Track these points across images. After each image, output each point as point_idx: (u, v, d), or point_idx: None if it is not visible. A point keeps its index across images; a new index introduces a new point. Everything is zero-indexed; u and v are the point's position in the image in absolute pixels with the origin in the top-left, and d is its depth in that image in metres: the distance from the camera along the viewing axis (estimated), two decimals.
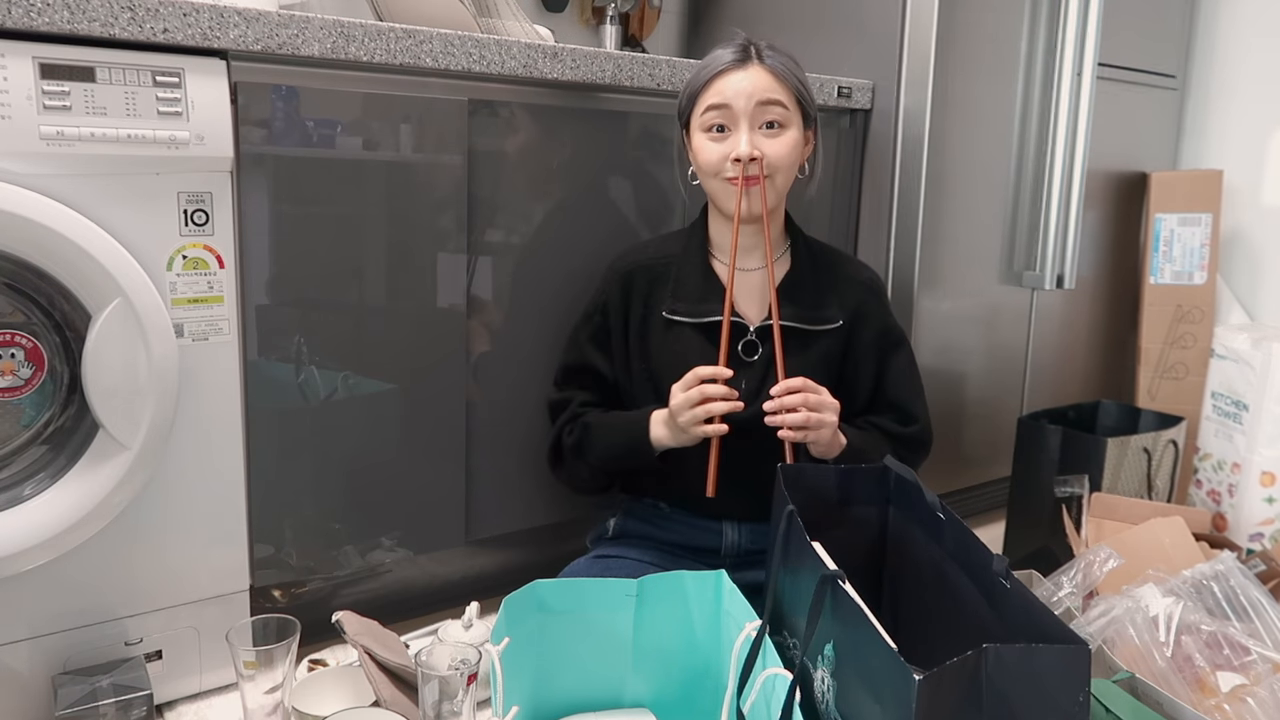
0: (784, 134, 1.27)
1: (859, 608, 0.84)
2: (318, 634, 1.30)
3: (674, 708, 1.11)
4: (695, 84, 1.30)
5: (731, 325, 1.30)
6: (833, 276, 1.36)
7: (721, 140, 1.27)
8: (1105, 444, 1.61)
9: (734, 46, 1.29)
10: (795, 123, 1.29)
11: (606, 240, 1.51)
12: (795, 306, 1.32)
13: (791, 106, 1.28)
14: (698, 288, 1.32)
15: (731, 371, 1.22)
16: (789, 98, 1.27)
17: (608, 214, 1.52)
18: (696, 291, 1.32)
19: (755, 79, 1.26)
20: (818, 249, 1.39)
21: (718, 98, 1.26)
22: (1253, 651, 1.11)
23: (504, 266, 1.43)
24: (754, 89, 1.25)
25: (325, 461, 1.32)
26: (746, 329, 1.32)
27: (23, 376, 1.09)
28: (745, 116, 1.25)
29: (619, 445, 1.30)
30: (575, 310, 1.43)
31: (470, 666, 0.97)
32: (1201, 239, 2.08)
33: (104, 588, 1.15)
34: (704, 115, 1.28)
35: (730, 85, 1.26)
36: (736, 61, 1.27)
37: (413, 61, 1.27)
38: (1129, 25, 2.03)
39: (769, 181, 1.26)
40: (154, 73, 1.08)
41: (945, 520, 1.03)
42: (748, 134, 1.25)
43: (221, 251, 1.17)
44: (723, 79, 1.27)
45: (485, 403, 1.45)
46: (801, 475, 1.12)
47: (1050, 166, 1.89)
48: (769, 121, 1.26)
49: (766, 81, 1.26)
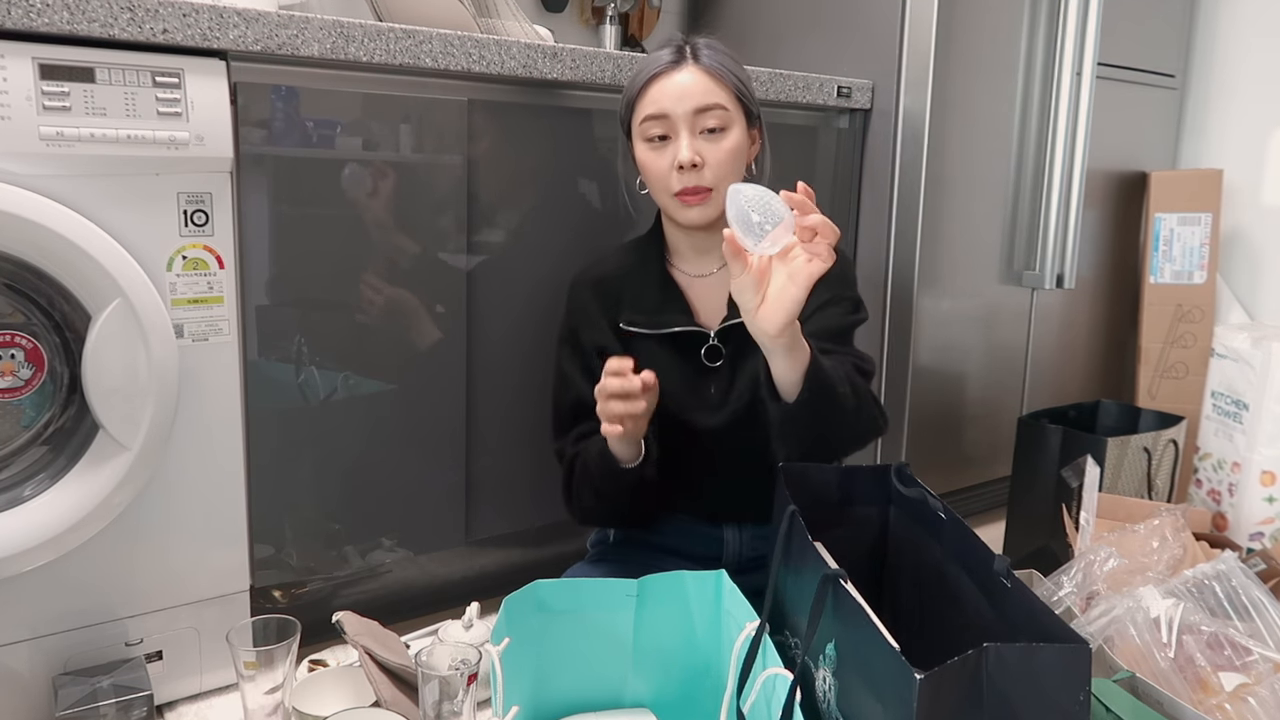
0: (726, 137, 1.21)
1: (861, 607, 0.84)
2: (318, 634, 1.30)
3: (674, 708, 1.11)
4: (631, 90, 1.25)
5: (692, 333, 1.26)
6: None
7: (663, 150, 1.22)
8: (1105, 444, 1.61)
9: (669, 49, 1.24)
10: (737, 123, 1.23)
11: (607, 240, 1.50)
12: None
13: (732, 107, 1.22)
14: (654, 298, 1.28)
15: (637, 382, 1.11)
16: (728, 98, 1.22)
17: (608, 214, 1.52)
18: (653, 302, 1.28)
19: (691, 82, 1.21)
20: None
21: (654, 107, 1.21)
22: (1254, 652, 1.11)
23: (504, 266, 1.43)
24: (691, 93, 1.20)
25: (325, 461, 1.32)
26: (706, 335, 1.27)
27: (23, 377, 1.09)
28: (684, 124, 1.20)
29: (596, 470, 1.23)
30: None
31: (470, 666, 0.97)
32: (1201, 238, 2.08)
33: (104, 588, 1.15)
34: (643, 125, 1.23)
35: (666, 92, 1.21)
36: (671, 63, 1.22)
37: (413, 61, 1.27)
38: (1129, 25, 2.03)
39: (713, 192, 1.21)
40: (154, 73, 1.08)
41: (946, 520, 1.03)
42: (688, 140, 1.20)
43: (221, 252, 1.17)
44: (658, 85, 1.21)
45: (485, 403, 1.45)
46: (802, 475, 1.12)
47: (1050, 166, 1.89)
48: (710, 127, 1.21)
49: (703, 84, 1.21)
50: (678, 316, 1.27)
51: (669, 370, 1.24)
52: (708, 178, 1.20)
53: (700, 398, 1.27)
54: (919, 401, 1.81)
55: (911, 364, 1.78)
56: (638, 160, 1.26)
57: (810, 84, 1.67)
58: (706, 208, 1.22)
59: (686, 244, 1.30)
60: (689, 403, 1.27)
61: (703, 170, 1.20)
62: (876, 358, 1.80)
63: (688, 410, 1.26)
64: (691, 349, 1.27)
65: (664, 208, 1.28)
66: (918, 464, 1.81)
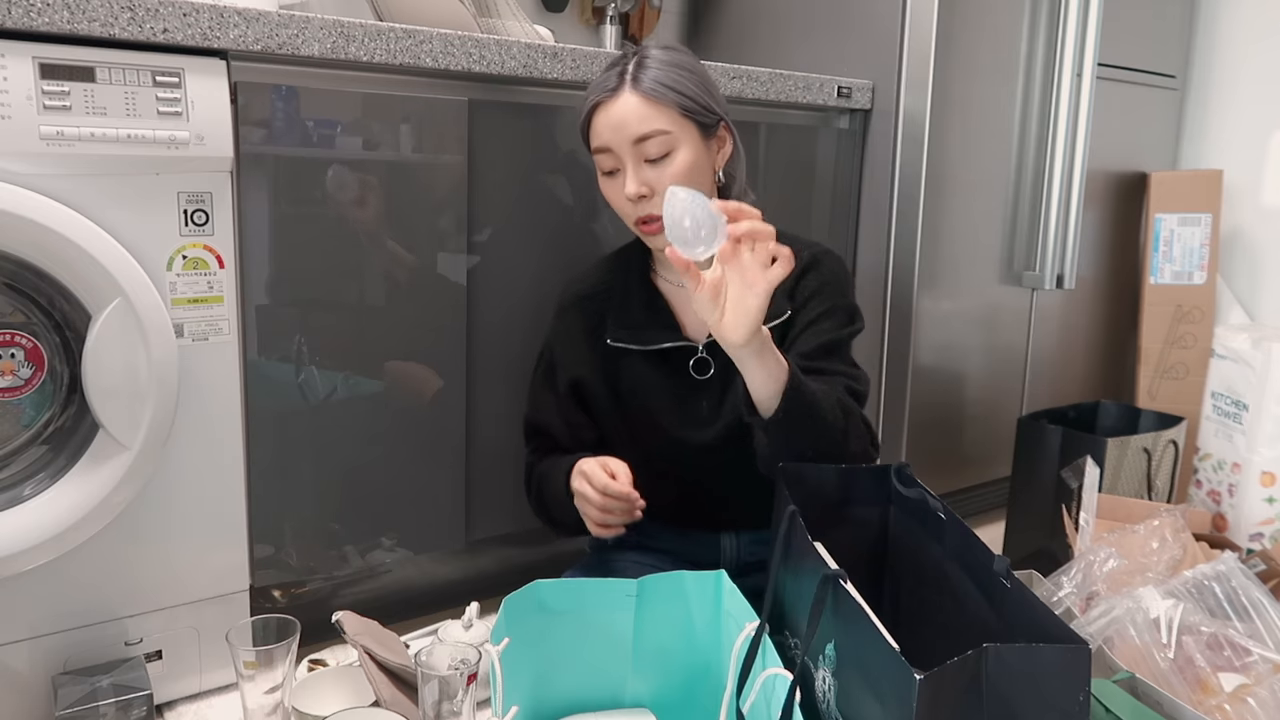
0: (672, 160, 1.17)
1: (860, 607, 0.84)
2: (318, 634, 1.30)
3: (674, 708, 1.11)
4: (582, 117, 1.22)
5: (680, 347, 1.24)
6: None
7: (615, 181, 1.20)
8: (1105, 444, 1.61)
9: (613, 72, 1.19)
10: (685, 142, 1.17)
11: (607, 240, 1.51)
12: None
13: (675, 127, 1.16)
14: (641, 312, 1.26)
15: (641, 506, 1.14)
16: (670, 119, 1.16)
17: (608, 214, 1.52)
18: (640, 316, 1.26)
19: (627, 111, 1.16)
20: None
21: (598, 139, 1.19)
22: (1254, 652, 1.11)
23: (504, 266, 1.43)
24: (627, 123, 1.16)
25: (325, 461, 1.32)
26: (695, 348, 1.25)
27: (23, 376, 1.09)
28: (628, 155, 1.17)
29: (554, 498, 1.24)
30: None
31: (470, 666, 0.97)
32: (1201, 239, 2.08)
33: (104, 588, 1.15)
34: (595, 157, 1.21)
35: (606, 124, 1.17)
36: (610, 91, 1.17)
37: (413, 61, 1.27)
38: (1129, 25, 2.03)
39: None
40: (154, 73, 1.08)
41: (946, 520, 1.03)
42: (633, 171, 1.17)
43: (221, 251, 1.17)
44: (599, 115, 1.18)
45: (485, 403, 1.45)
46: (802, 475, 1.12)
47: (1050, 166, 1.89)
48: (652, 157, 1.17)
49: (639, 112, 1.15)
50: (665, 331, 1.25)
51: (658, 386, 1.23)
52: (658, 205, 1.14)
53: (691, 413, 1.26)
54: (919, 402, 1.81)
55: (911, 364, 1.78)
56: (600, 187, 1.24)
57: (810, 84, 1.67)
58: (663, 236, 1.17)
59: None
60: (680, 418, 1.25)
61: (652, 199, 1.17)
62: (876, 358, 1.80)
63: (679, 426, 1.25)
64: (680, 362, 1.25)
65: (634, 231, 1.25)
66: (918, 464, 1.81)
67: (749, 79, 1.59)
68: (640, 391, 1.26)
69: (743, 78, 1.59)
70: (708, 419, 1.24)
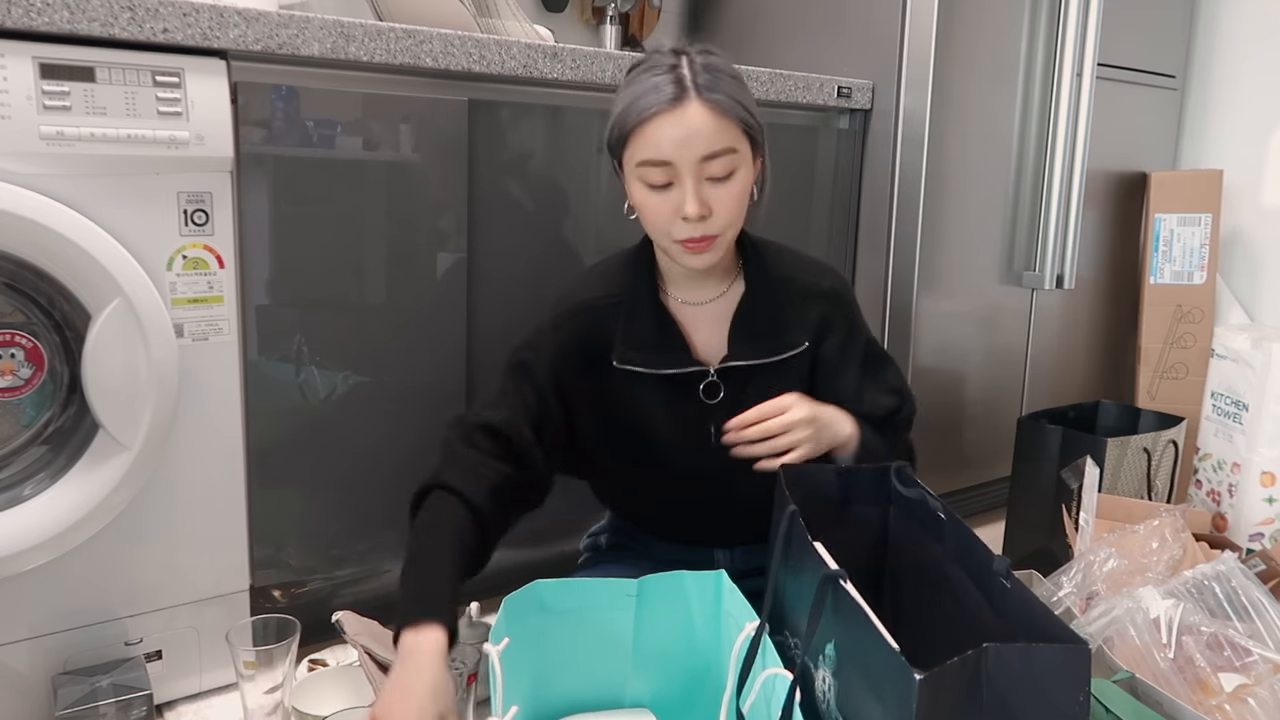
0: (734, 180, 1.08)
1: (860, 607, 0.84)
2: (318, 634, 1.30)
3: (674, 708, 1.11)
4: (625, 124, 1.08)
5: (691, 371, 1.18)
6: (790, 293, 1.20)
7: (664, 195, 1.08)
8: (1105, 444, 1.61)
9: (667, 76, 1.06)
10: (746, 161, 1.10)
11: (607, 240, 1.51)
12: (753, 339, 1.18)
13: (741, 146, 1.08)
14: (651, 333, 1.17)
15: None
16: (738, 136, 1.08)
17: (608, 214, 1.52)
18: (651, 338, 1.17)
19: (697, 125, 1.05)
20: (771, 262, 1.21)
21: (654, 152, 1.06)
22: (1254, 652, 1.11)
23: (504, 267, 1.43)
24: (698, 138, 1.05)
25: (325, 461, 1.32)
26: (706, 372, 1.19)
27: (23, 376, 1.09)
28: (689, 172, 1.06)
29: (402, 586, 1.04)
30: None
31: (470, 666, 0.97)
32: (1201, 239, 2.08)
33: (104, 588, 1.15)
34: (640, 169, 1.08)
35: (668, 137, 1.05)
36: (672, 100, 1.05)
37: (413, 61, 1.27)
38: (1129, 25, 2.03)
39: (720, 239, 1.10)
40: (154, 73, 1.08)
41: (946, 520, 1.03)
42: (694, 188, 1.06)
43: (221, 251, 1.17)
44: (657, 125, 1.05)
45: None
46: (802, 475, 1.12)
47: (1050, 167, 1.89)
48: (718, 175, 1.07)
49: (711, 126, 1.05)
50: (677, 355, 1.18)
51: (663, 409, 1.18)
52: (715, 226, 1.09)
53: (695, 437, 1.20)
54: (919, 402, 1.80)
55: (911, 364, 1.78)
56: (634, 199, 1.12)
57: (810, 84, 1.67)
58: (712, 254, 1.12)
59: (681, 272, 1.18)
60: (683, 442, 1.20)
61: (710, 220, 1.08)
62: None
63: (681, 451, 1.20)
64: (689, 386, 1.19)
65: (663, 248, 1.15)
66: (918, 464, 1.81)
67: (749, 79, 1.59)
68: (643, 414, 1.19)
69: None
70: (713, 443, 1.18)
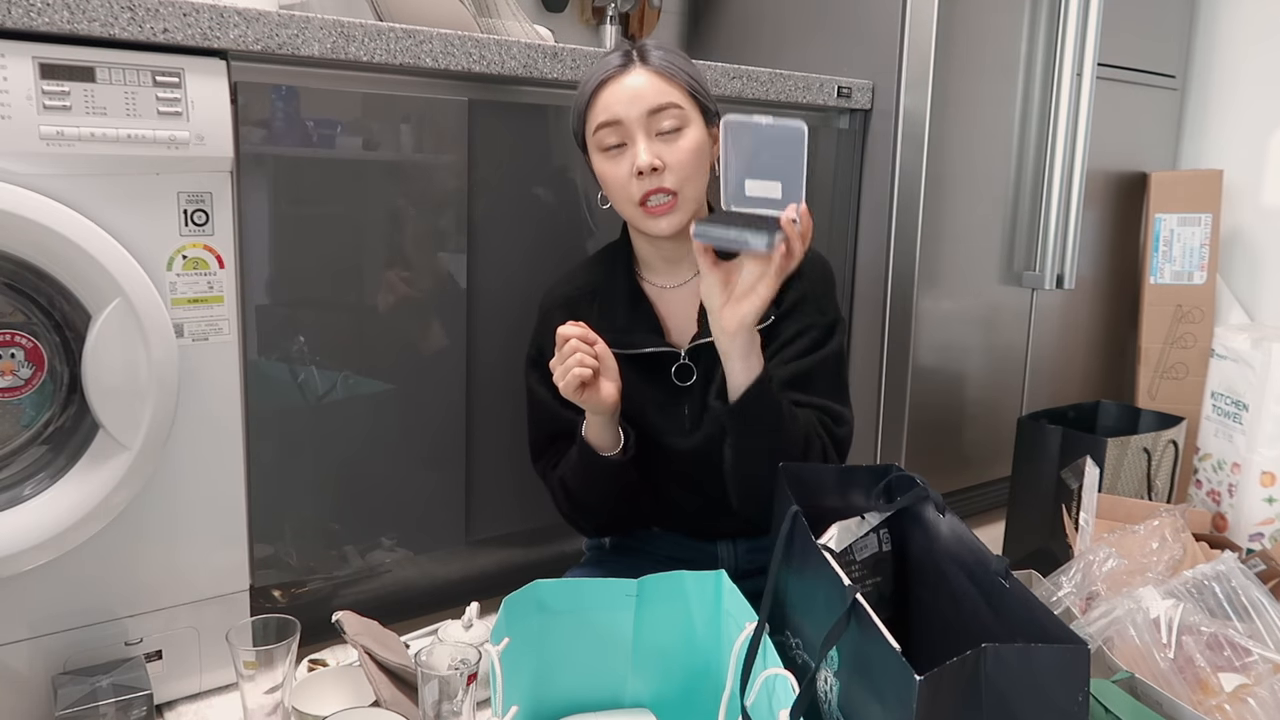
0: (684, 136, 1.16)
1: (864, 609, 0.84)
2: (318, 634, 1.30)
3: (674, 708, 1.11)
4: (581, 99, 1.20)
5: (662, 353, 1.23)
6: None
7: (620, 158, 1.16)
8: (1105, 444, 1.61)
9: (616, 53, 1.19)
10: (695, 122, 1.17)
11: (607, 240, 1.50)
12: None
13: (687, 105, 1.17)
14: (625, 316, 1.24)
15: (596, 341, 1.13)
16: (682, 96, 1.17)
17: (608, 213, 1.52)
18: (623, 320, 1.24)
19: (642, 84, 1.15)
20: None
21: (606, 113, 1.16)
22: (1254, 652, 1.11)
23: (504, 267, 1.43)
24: (643, 94, 1.15)
25: (325, 461, 1.32)
26: (676, 354, 1.23)
27: (23, 376, 1.09)
28: (639, 127, 1.15)
29: (579, 467, 1.21)
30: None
31: (470, 666, 0.97)
32: (1201, 239, 2.08)
33: (104, 588, 1.15)
34: (597, 134, 1.17)
35: (616, 96, 1.15)
36: (619, 67, 1.16)
37: (413, 61, 1.27)
38: (1129, 25, 2.03)
39: (679, 197, 1.16)
40: (154, 73, 1.08)
41: (945, 520, 1.03)
42: (645, 143, 1.14)
43: (221, 251, 1.17)
44: (608, 90, 1.16)
45: (485, 402, 1.45)
46: (802, 475, 1.12)
47: (1050, 166, 1.89)
48: (665, 129, 1.15)
49: (654, 85, 1.15)
50: (648, 335, 1.23)
51: (640, 391, 1.21)
52: (669, 180, 1.15)
53: (673, 420, 1.24)
54: (919, 401, 1.81)
55: (911, 364, 1.78)
56: (596, 172, 1.21)
57: (810, 84, 1.67)
58: (674, 215, 1.17)
59: (655, 255, 1.25)
60: (662, 425, 1.24)
61: (663, 173, 1.15)
62: (876, 358, 1.80)
63: (661, 433, 1.24)
64: (662, 368, 1.24)
65: (630, 220, 1.22)
66: (918, 464, 1.81)
67: (749, 79, 1.59)
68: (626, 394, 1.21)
69: (743, 78, 1.59)
70: (689, 426, 1.23)
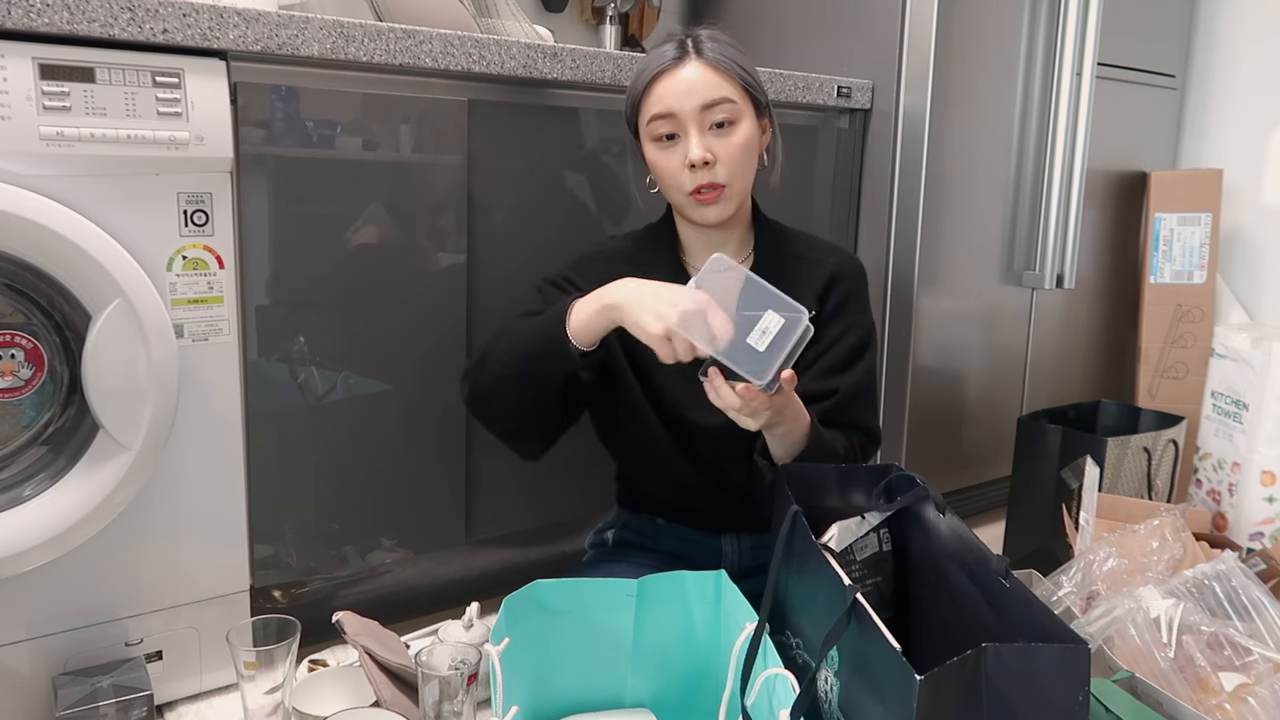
0: (736, 131, 1.19)
1: (864, 609, 0.84)
2: (318, 634, 1.30)
3: (674, 708, 1.11)
4: (636, 89, 1.23)
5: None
6: (799, 265, 1.29)
7: (673, 149, 1.20)
8: (1105, 444, 1.61)
9: (671, 43, 1.21)
10: (747, 115, 1.21)
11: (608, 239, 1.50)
12: None
13: (740, 99, 1.20)
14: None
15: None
16: (735, 90, 1.19)
17: (608, 214, 1.52)
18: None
19: (696, 78, 1.18)
20: (782, 237, 1.31)
21: (660, 105, 1.19)
22: (1254, 652, 1.11)
23: (504, 266, 1.43)
24: (696, 89, 1.17)
25: (325, 461, 1.32)
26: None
27: (23, 377, 1.09)
28: (693, 121, 1.18)
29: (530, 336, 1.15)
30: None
31: (470, 666, 0.97)
32: (1201, 238, 2.08)
33: (104, 588, 1.15)
34: (650, 125, 1.21)
35: (671, 90, 1.18)
36: (674, 59, 1.19)
37: (413, 61, 1.27)
38: (1129, 25, 2.03)
39: (728, 189, 1.19)
40: (154, 73, 1.08)
41: (946, 519, 1.03)
42: (698, 137, 1.18)
43: (221, 252, 1.17)
44: (662, 82, 1.19)
45: None
46: (802, 475, 1.12)
47: (1050, 166, 1.89)
48: (718, 121, 1.19)
49: (709, 79, 1.18)
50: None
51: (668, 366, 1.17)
52: (721, 174, 1.18)
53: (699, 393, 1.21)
54: (919, 401, 1.81)
55: (911, 364, 1.78)
56: (648, 159, 1.24)
57: (810, 84, 1.67)
58: (722, 205, 1.20)
59: (698, 240, 1.28)
60: (687, 398, 1.24)
61: (715, 167, 1.18)
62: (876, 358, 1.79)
63: (685, 406, 1.25)
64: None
65: (678, 207, 1.26)
66: (918, 464, 1.81)
67: None
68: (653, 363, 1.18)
69: None
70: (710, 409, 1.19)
